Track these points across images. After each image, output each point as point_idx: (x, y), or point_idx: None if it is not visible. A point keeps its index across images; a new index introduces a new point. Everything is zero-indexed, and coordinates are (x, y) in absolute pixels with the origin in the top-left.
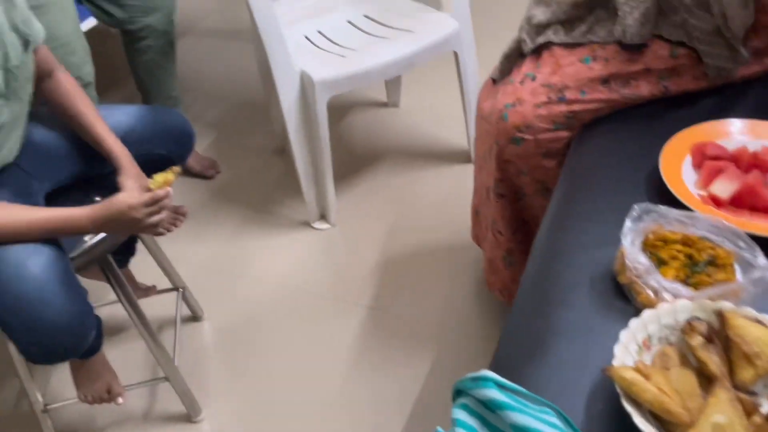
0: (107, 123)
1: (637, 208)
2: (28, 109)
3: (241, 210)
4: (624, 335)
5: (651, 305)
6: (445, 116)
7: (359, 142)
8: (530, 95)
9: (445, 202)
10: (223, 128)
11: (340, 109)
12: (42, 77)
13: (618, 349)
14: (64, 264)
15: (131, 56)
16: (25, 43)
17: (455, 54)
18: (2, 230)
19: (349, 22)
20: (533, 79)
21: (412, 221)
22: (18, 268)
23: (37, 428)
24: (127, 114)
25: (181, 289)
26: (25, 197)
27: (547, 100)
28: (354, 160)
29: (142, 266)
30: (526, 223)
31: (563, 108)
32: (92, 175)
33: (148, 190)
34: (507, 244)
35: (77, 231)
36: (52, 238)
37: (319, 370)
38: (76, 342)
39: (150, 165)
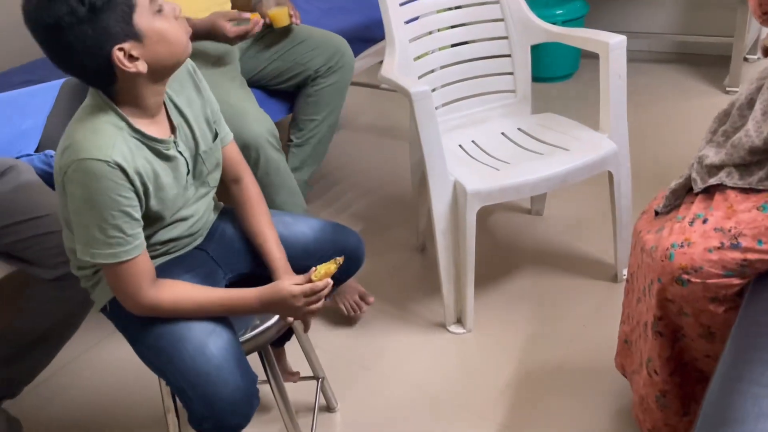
0: (289, 231)
1: None
2: (213, 200)
3: (379, 303)
4: None
5: None
6: (591, 231)
7: (500, 247)
8: (701, 238)
9: (588, 321)
10: (370, 220)
11: (482, 213)
12: (231, 181)
13: None
14: (238, 346)
15: None
16: (215, 136)
17: (609, 173)
18: (185, 305)
19: (503, 134)
20: (704, 221)
21: (551, 336)
22: (200, 347)
23: None
24: (309, 227)
25: (320, 378)
26: (210, 282)
27: (719, 246)
28: (494, 265)
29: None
30: (684, 365)
31: (737, 255)
32: (265, 274)
33: (310, 280)
34: (662, 385)
35: (247, 310)
36: (225, 316)
37: None
38: (243, 419)
39: None
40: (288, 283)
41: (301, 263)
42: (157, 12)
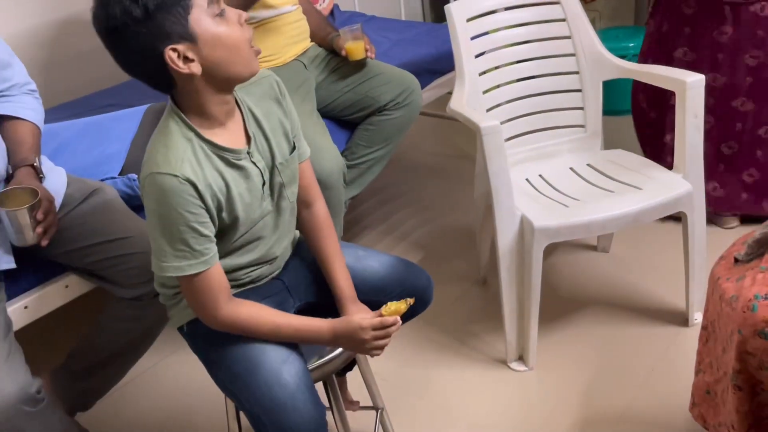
0: (360, 265)
1: None
2: (294, 229)
3: (437, 335)
4: None
5: None
6: (661, 271)
7: (564, 283)
8: None
9: (656, 366)
10: (430, 249)
11: (546, 247)
12: (302, 205)
13: None
14: (308, 375)
15: None
16: (292, 149)
17: (683, 214)
18: (262, 323)
19: (572, 170)
20: None
21: (617, 380)
22: (275, 374)
23: None
24: (380, 263)
25: (380, 409)
26: (281, 310)
27: None
28: (557, 302)
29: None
30: (763, 420)
31: None
32: (330, 303)
33: (381, 315)
34: None
35: (317, 339)
36: (296, 345)
37: None
38: None
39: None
40: (359, 317)
41: (369, 299)
42: (217, 15)
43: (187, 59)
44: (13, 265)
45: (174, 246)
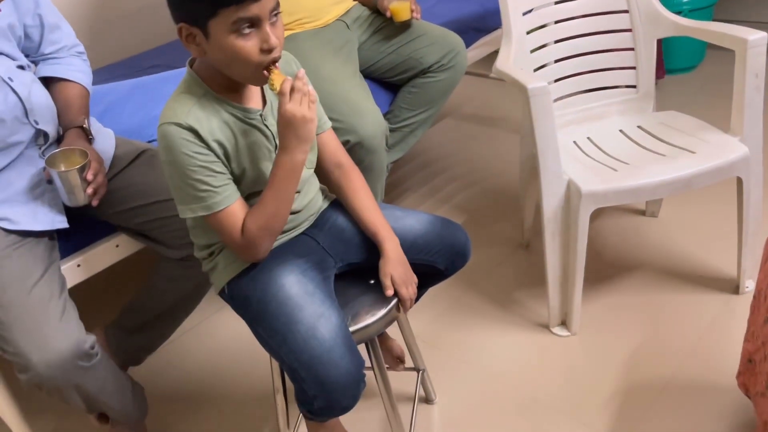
0: (399, 224)
1: None
2: (318, 184)
3: (480, 298)
4: None
5: None
6: (712, 237)
7: (610, 248)
8: None
9: (704, 334)
10: (473, 213)
11: (593, 211)
12: (334, 166)
13: None
14: (346, 330)
15: None
16: None
17: (738, 179)
18: (262, 214)
19: (622, 132)
20: None
21: (663, 347)
22: (311, 329)
23: None
24: (418, 221)
25: (421, 371)
26: (320, 270)
27: None
28: (603, 267)
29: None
30: None
31: None
32: (375, 263)
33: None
34: None
35: (285, 159)
36: (333, 300)
37: None
38: (351, 401)
39: (421, 271)
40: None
41: (409, 257)
42: (236, 32)
43: (192, 38)
44: (66, 225)
45: (195, 187)
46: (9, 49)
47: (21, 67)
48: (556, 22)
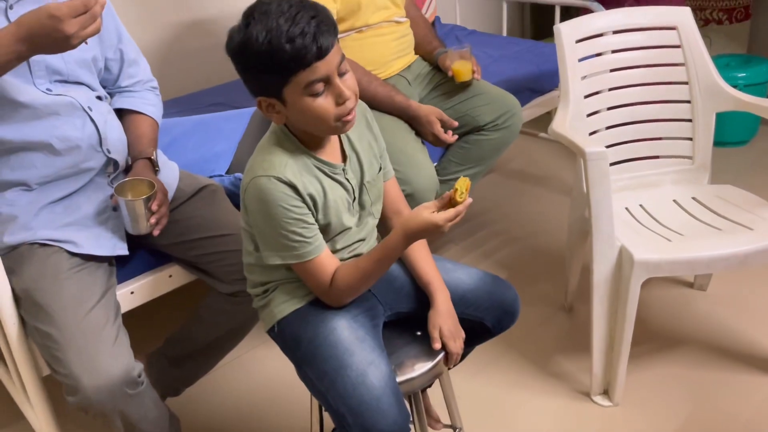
0: (449, 277)
1: None
2: (377, 234)
3: (519, 359)
4: None
5: None
6: (763, 317)
7: (656, 318)
8: None
9: (753, 418)
10: (515, 270)
11: None
12: (393, 213)
13: None
14: (394, 380)
15: None
16: (379, 168)
17: None
18: (356, 277)
19: (675, 202)
20: None
21: (709, 427)
22: (361, 375)
23: None
24: (468, 275)
25: (458, 429)
26: (371, 317)
27: None
28: (647, 338)
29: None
30: None
31: None
32: (425, 314)
33: (451, 202)
34: None
35: (398, 248)
36: (382, 350)
37: None
38: None
39: (468, 327)
40: (427, 213)
41: (458, 311)
42: (310, 94)
43: (273, 109)
44: (126, 252)
45: (288, 238)
46: (90, 80)
47: (99, 98)
48: (613, 88)
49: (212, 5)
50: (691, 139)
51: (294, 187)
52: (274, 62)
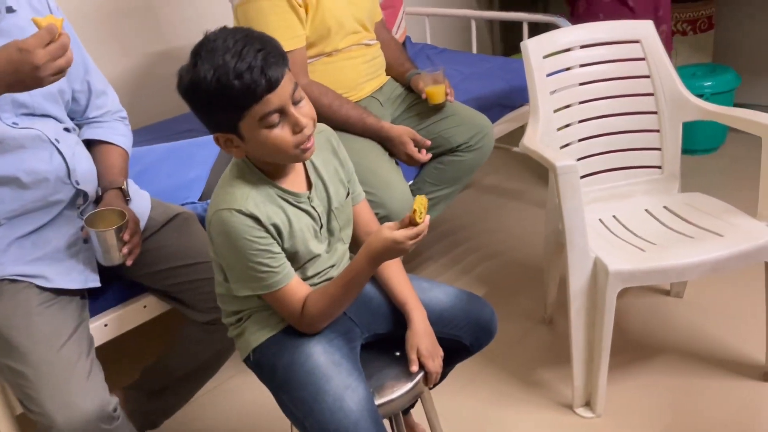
0: (425, 296)
1: None
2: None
3: (500, 374)
4: None
5: None
6: (739, 321)
7: (634, 328)
8: None
9: (732, 422)
10: (493, 285)
11: None
12: (365, 235)
13: None
14: (372, 403)
15: None
16: (347, 194)
17: (766, 263)
18: (327, 304)
19: (647, 212)
20: None
21: None
22: (338, 401)
23: None
24: (445, 293)
25: None
26: (347, 340)
27: None
28: (626, 347)
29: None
30: None
31: None
32: (402, 334)
33: (411, 221)
34: None
35: (365, 273)
36: (360, 372)
37: None
38: None
39: (446, 346)
40: (387, 231)
41: (435, 330)
42: (266, 126)
43: (232, 144)
44: (98, 284)
45: (255, 269)
46: (57, 112)
47: (67, 130)
48: (582, 102)
49: (182, 35)
50: (659, 149)
51: (256, 219)
52: (225, 99)
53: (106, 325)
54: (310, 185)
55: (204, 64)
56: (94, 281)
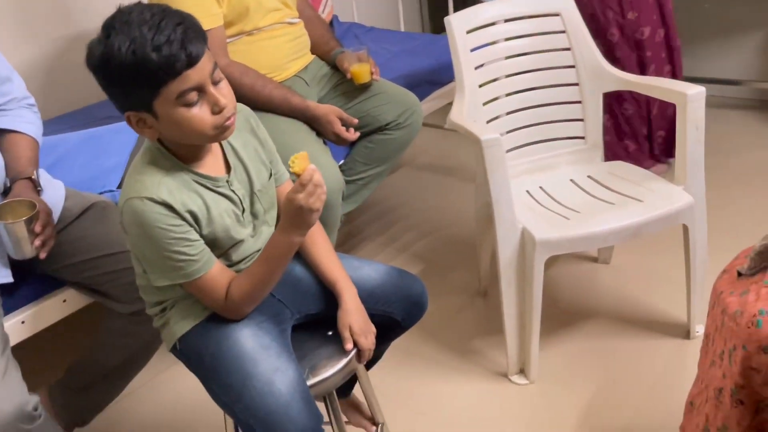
0: (356, 274)
1: None
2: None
3: (437, 347)
4: None
5: None
6: (662, 283)
7: (565, 295)
8: None
9: (657, 380)
10: (430, 261)
11: (547, 259)
12: None
13: None
14: (303, 383)
15: None
16: (270, 175)
17: (684, 226)
18: (250, 286)
19: (573, 182)
20: None
21: (620, 394)
22: (267, 384)
23: None
24: (376, 270)
25: (380, 424)
26: (276, 323)
27: None
28: (558, 315)
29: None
30: None
31: None
32: (334, 314)
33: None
34: None
35: (282, 245)
36: (289, 353)
37: None
38: None
39: (379, 323)
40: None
41: (367, 307)
42: (183, 104)
43: (143, 123)
44: (10, 279)
45: (173, 258)
46: None
47: None
48: (507, 76)
49: (96, 17)
50: (582, 120)
51: (170, 206)
52: (141, 73)
53: (23, 322)
54: (229, 168)
55: (118, 35)
56: (5, 276)
